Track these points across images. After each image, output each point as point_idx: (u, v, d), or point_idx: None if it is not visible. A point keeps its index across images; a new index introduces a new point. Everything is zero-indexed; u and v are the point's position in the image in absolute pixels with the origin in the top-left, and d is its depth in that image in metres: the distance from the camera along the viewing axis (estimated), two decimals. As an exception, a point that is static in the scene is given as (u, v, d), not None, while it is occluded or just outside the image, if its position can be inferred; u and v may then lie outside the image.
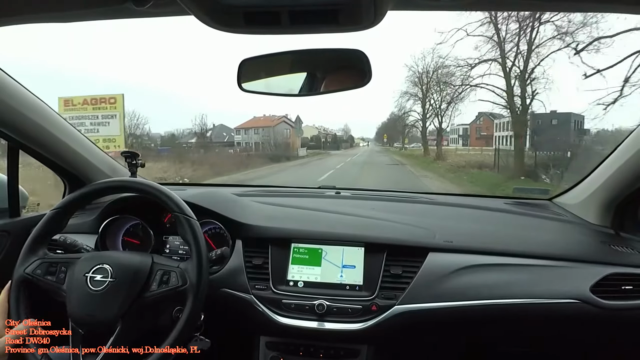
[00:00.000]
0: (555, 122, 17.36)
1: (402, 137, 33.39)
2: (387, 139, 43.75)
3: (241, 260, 1.17)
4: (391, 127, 36.63)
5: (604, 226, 1.28)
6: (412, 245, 1.16)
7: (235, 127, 38.33)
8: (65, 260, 0.95)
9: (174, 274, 0.91)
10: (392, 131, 38.44)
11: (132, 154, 1.43)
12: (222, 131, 37.66)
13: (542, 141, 14.61)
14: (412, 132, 27.90)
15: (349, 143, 58.28)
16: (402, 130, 28.83)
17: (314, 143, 43.53)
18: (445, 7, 0.72)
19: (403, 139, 33.66)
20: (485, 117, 33.51)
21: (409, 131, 27.03)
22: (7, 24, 0.83)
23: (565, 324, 1.10)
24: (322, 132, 53.35)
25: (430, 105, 20.70)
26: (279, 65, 1.02)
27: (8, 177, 1.31)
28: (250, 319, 1.12)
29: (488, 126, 35.84)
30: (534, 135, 14.97)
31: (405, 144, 35.79)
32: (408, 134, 30.01)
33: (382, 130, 49.22)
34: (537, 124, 15.40)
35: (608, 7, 0.75)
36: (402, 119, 24.93)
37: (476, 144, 34.19)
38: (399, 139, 39.48)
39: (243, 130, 37.07)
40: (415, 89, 20.65)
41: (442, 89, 18.39)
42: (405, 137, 34.26)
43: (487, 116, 19.38)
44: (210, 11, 0.65)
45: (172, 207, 0.97)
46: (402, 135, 31.87)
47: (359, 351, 1.12)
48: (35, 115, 1.21)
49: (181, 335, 0.87)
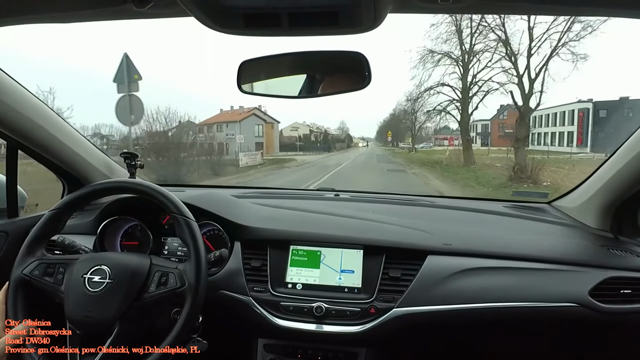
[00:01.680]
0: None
1: (412, 134, 25.94)
2: (392, 137, 37.86)
3: (240, 262, 1.17)
4: (394, 124, 31.92)
5: (602, 230, 1.28)
6: (411, 247, 1.16)
7: (199, 124, 28.19)
8: (63, 261, 0.95)
9: (172, 275, 0.91)
10: (395, 129, 33.64)
11: (131, 154, 1.43)
12: (188, 128, 26.03)
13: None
14: (425, 127, 21.43)
15: (346, 143, 52.60)
16: (411, 125, 22.30)
17: (302, 143, 38.88)
18: (445, 10, 0.72)
19: (413, 137, 26.60)
20: (511, 111, 25.70)
21: (423, 124, 20.33)
22: (8, 24, 0.83)
23: (564, 327, 1.10)
24: (315, 131, 47.63)
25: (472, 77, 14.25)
26: (278, 67, 1.03)
27: (7, 178, 1.31)
28: (248, 321, 1.12)
29: (515, 121, 31.74)
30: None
31: (408, 142, 29.81)
32: (419, 130, 23.02)
33: (384, 129, 43.76)
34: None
35: (609, 11, 0.75)
36: (412, 112, 18.06)
37: (499, 142, 28.40)
38: (404, 138, 33.51)
39: (206, 128, 27.72)
40: (451, 45, 13.78)
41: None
42: (411, 136, 28.53)
43: (514, 109, 15.79)
44: (210, 13, 0.65)
45: (171, 208, 0.97)
46: (411, 130, 24.50)
47: (357, 354, 1.11)
48: (34, 115, 1.21)
49: (179, 337, 0.87)
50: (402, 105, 21.46)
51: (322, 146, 40.68)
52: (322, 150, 37.49)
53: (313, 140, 42.62)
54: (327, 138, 45.36)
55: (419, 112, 17.39)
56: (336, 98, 1.10)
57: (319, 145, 40.70)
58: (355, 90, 0.98)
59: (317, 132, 48.07)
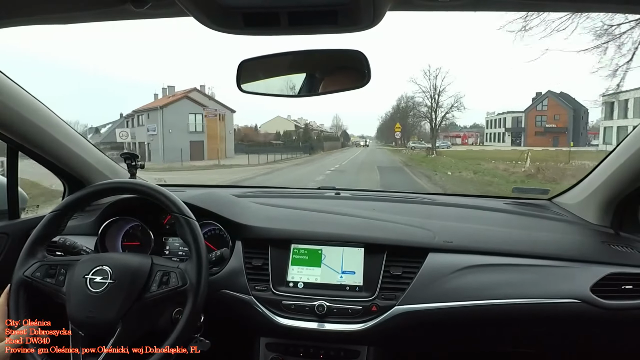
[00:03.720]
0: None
1: (432, 130, 19.01)
2: (394, 134, 28.00)
3: (241, 262, 1.17)
4: (399, 120, 25.02)
5: (603, 226, 1.28)
6: (412, 245, 1.16)
7: (126, 115, 22.11)
8: (65, 262, 0.95)
9: (173, 274, 0.91)
10: (400, 125, 25.90)
11: (132, 155, 1.43)
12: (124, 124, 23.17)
13: None
14: (451, 119, 17.02)
15: (340, 142, 44.97)
16: (431, 119, 16.66)
17: (281, 142, 31.03)
18: (444, 8, 0.72)
19: (434, 133, 19.26)
20: (553, 99, 21.21)
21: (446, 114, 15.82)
22: (7, 25, 0.83)
23: (565, 324, 1.10)
24: (303, 127, 40.55)
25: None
26: (278, 66, 1.03)
27: (7, 179, 1.31)
28: (250, 320, 1.12)
29: (560, 113, 22.17)
30: None
31: (415, 140, 23.80)
32: (439, 125, 17.66)
33: (386, 125, 36.37)
34: None
35: (607, 6, 0.75)
36: (432, 97, 14.64)
37: (536, 142, 21.51)
38: (410, 136, 26.70)
39: (130, 121, 22.06)
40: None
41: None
42: (417, 134, 23.71)
43: (557, 97, 12.94)
44: (209, 12, 0.65)
45: (172, 208, 0.97)
46: (432, 126, 17.74)
47: (359, 352, 1.11)
48: (34, 116, 1.21)
49: (181, 336, 0.87)
50: (414, 94, 17.83)
51: (304, 146, 30.72)
52: (303, 153, 28.17)
53: (295, 138, 34.80)
54: (309, 136, 35.79)
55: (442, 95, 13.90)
56: (335, 95, 1.10)
57: (300, 144, 31.27)
58: (355, 89, 0.98)
59: (304, 129, 41.05)
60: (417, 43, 67.11)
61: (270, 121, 41.23)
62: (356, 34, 0.72)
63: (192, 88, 23.41)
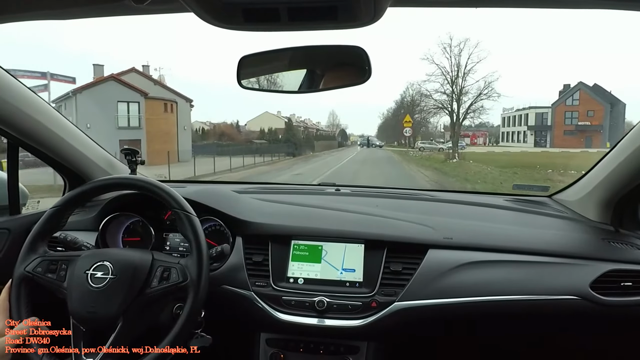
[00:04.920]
0: None
1: (453, 127, 14.96)
2: (403, 132, 20.19)
3: (241, 257, 1.17)
4: (400, 117, 20.96)
5: (603, 223, 1.28)
6: (412, 242, 1.16)
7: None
8: (66, 257, 0.95)
9: (174, 270, 0.92)
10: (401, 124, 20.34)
11: (132, 151, 1.43)
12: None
13: None
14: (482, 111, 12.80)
15: (337, 141, 41.18)
16: (452, 112, 13.10)
17: (266, 141, 26.68)
18: (445, 4, 0.72)
19: (455, 131, 15.48)
20: (586, 92, 17.19)
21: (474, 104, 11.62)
22: (5, 21, 0.82)
23: (564, 320, 1.11)
24: (296, 124, 36.62)
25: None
26: (278, 62, 1.02)
27: (8, 175, 1.31)
28: (250, 315, 1.13)
29: (594, 108, 18.16)
30: None
31: (422, 140, 20.20)
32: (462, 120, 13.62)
33: (387, 123, 32.80)
34: None
35: (608, 3, 0.75)
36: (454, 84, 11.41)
37: (565, 142, 17.87)
38: (416, 135, 22.37)
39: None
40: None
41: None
42: (420, 133, 19.60)
43: (590, 90, 12.68)
44: (209, 8, 0.65)
45: (172, 204, 0.97)
46: (453, 121, 13.98)
47: (359, 347, 1.12)
48: (35, 112, 1.21)
49: (182, 331, 0.88)
50: (428, 78, 13.45)
51: (287, 146, 25.92)
52: (286, 154, 24.13)
53: (281, 137, 29.93)
54: (292, 134, 29.71)
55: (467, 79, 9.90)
56: (333, 93, 1.08)
57: (286, 145, 26.46)
58: (355, 85, 0.98)
59: (299, 125, 37.94)
60: (421, 36, 64.18)
61: (257, 117, 36.62)
62: (357, 29, 0.71)
63: (130, 68, 17.24)
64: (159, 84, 18.32)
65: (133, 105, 15.43)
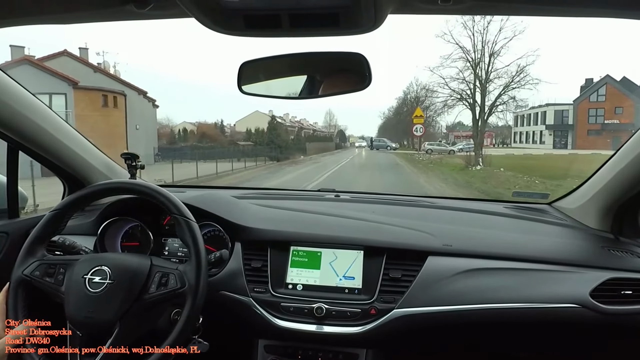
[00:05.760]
0: None
1: (476, 124, 12.71)
2: (413, 130, 16.10)
3: (240, 263, 1.17)
4: (406, 114, 18.81)
5: (603, 231, 1.28)
6: (412, 248, 1.16)
7: None
8: (64, 261, 0.95)
9: (172, 276, 0.91)
10: (404, 124, 19.28)
11: (132, 155, 1.43)
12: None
13: None
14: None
15: (334, 143, 38.80)
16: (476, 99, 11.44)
17: (252, 143, 24.47)
18: (445, 11, 0.72)
19: (478, 128, 13.00)
20: (614, 86, 15.40)
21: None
22: (9, 25, 0.83)
23: (564, 328, 1.10)
24: (289, 124, 33.86)
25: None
26: (279, 68, 1.03)
27: (7, 178, 1.31)
28: (248, 321, 1.12)
29: (623, 104, 16.02)
30: None
31: (431, 142, 17.73)
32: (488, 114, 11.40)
33: (389, 123, 31.36)
34: None
35: (607, 12, 0.75)
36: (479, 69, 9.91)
37: (588, 142, 15.86)
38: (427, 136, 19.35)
39: None
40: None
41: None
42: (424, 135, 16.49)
43: (618, 84, 9.95)
44: (211, 14, 0.66)
45: (172, 209, 0.97)
46: (474, 113, 12.02)
47: (358, 355, 1.11)
48: (35, 116, 1.21)
49: (180, 337, 0.87)
50: (443, 61, 11.87)
51: (271, 148, 22.63)
52: (269, 158, 21.16)
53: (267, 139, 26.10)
54: (277, 134, 25.71)
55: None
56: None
57: (275, 146, 23.39)
58: (355, 91, 0.99)
59: (292, 126, 34.47)
60: (421, 41, 63.43)
61: (246, 117, 32.32)
62: (358, 36, 0.72)
63: (61, 51, 13.68)
64: (102, 72, 14.47)
65: (58, 98, 11.79)
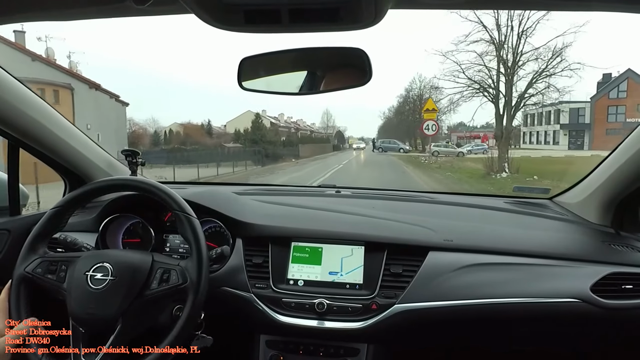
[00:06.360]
0: None
1: (502, 114, 11.28)
2: (423, 127, 12.48)
3: (241, 259, 1.17)
4: (404, 114, 17.28)
5: (604, 225, 1.28)
6: (412, 244, 1.16)
7: None
8: (66, 258, 0.95)
9: (174, 272, 0.91)
10: (406, 123, 17.64)
11: (133, 152, 1.44)
12: None
13: None
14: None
15: (332, 144, 37.73)
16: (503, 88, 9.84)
17: (240, 145, 23.02)
18: (446, 6, 0.72)
19: (505, 127, 11.56)
20: (636, 81, 14.43)
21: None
22: (8, 22, 0.83)
23: (565, 323, 1.11)
24: (283, 125, 33.15)
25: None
26: (279, 63, 1.02)
27: (8, 175, 1.31)
28: (250, 317, 1.13)
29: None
30: None
31: (438, 143, 15.88)
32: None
33: (390, 123, 30.04)
34: None
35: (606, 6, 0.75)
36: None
37: (607, 143, 13.89)
38: (416, 136, 18.96)
39: None
40: None
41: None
42: (419, 135, 16.12)
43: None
44: (210, 10, 0.65)
45: (173, 205, 0.97)
46: (507, 107, 10.70)
47: (359, 350, 1.12)
48: (35, 113, 1.21)
49: (182, 333, 0.88)
50: (458, 43, 10.27)
51: (255, 151, 20.69)
52: (254, 162, 19.01)
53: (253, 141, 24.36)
54: (261, 134, 24.57)
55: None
56: (331, 94, 1.06)
57: (258, 149, 21.23)
58: (356, 87, 0.98)
59: (285, 127, 33.39)
60: (421, 39, 62.97)
61: (238, 117, 30.38)
62: (358, 31, 0.71)
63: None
64: (42, 61, 12.10)
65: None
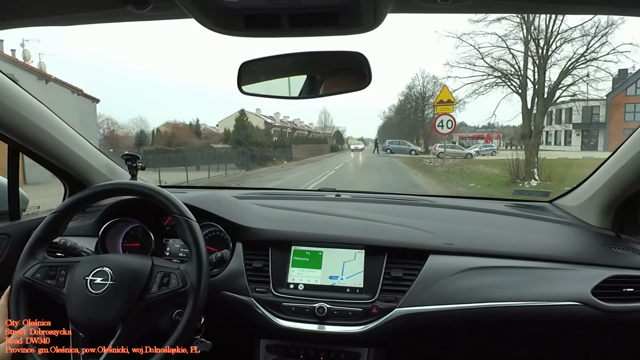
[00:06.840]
0: None
1: (532, 108, 10.17)
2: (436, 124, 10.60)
3: (241, 263, 1.17)
4: (406, 113, 16.13)
5: (604, 228, 1.28)
6: (413, 247, 1.16)
7: None
8: (65, 263, 0.95)
9: (174, 275, 0.91)
10: (407, 123, 16.37)
11: (133, 156, 1.43)
12: None
13: None
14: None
15: (329, 145, 36.93)
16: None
17: (229, 146, 22.06)
18: (445, 10, 0.72)
19: (535, 124, 10.23)
20: None
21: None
22: (9, 27, 0.83)
23: (566, 326, 1.10)
24: (278, 125, 32.81)
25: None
26: (279, 67, 1.03)
27: (8, 180, 1.31)
28: (250, 321, 1.12)
29: None
30: None
31: (443, 144, 14.85)
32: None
33: (390, 122, 29.15)
34: None
35: (610, 9, 0.75)
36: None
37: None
38: (417, 137, 17.88)
39: None
40: None
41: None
42: (420, 135, 15.61)
43: None
44: (210, 14, 0.65)
45: (172, 209, 0.97)
46: (528, 102, 9.97)
47: (359, 354, 1.11)
48: (35, 117, 1.21)
49: (182, 337, 0.87)
50: (475, 26, 9.10)
51: (239, 153, 19.36)
52: (239, 166, 17.74)
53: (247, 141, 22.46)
54: (246, 134, 22.74)
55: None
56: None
57: (237, 152, 19.62)
58: (355, 91, 0.98)
59: (278, 126, 32.63)
60: (421, 42, 62.64)
61: (231, 116, 28.33)
62: (358, 35, 0.72)
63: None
64: None
65: None
